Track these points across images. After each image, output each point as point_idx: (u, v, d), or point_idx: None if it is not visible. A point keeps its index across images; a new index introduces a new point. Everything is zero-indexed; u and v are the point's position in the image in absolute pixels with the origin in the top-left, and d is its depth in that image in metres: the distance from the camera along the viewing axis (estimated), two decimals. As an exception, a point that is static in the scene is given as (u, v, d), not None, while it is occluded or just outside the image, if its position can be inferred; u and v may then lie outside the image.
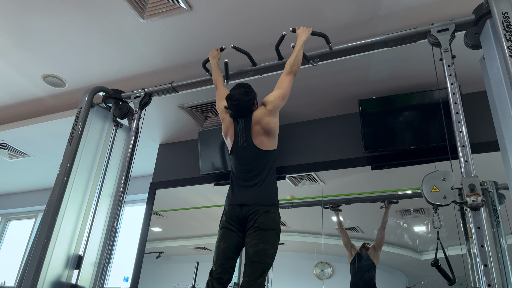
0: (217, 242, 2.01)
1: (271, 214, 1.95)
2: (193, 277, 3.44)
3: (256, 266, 1.84)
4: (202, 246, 3.66)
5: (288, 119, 3.65)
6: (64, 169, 2.54)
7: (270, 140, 2.11)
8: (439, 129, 2.92)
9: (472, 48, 2.13)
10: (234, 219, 1.98)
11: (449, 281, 1.95)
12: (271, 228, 1.92)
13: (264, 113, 2.13)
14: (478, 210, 1.68)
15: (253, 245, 1.87)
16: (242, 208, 1.97)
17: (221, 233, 2.01)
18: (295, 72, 2.24)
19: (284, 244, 3.28)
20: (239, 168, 2.10)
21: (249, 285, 1.81)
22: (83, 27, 2.83)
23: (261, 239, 1.87)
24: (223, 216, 2.05)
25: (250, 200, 1.97)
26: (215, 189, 3.79)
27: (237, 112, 2.17)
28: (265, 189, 2.02)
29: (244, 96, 2.16)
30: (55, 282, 2.43)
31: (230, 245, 1.96)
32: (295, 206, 3.40)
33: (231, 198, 2.05)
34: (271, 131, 2.11)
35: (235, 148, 2.15)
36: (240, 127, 2.14)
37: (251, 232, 1.91)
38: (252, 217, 1.93)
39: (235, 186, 2.08)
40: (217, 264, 1.94)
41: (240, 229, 1.97)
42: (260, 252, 1.85)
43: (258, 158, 2.07)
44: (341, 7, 2.51)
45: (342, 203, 3.19)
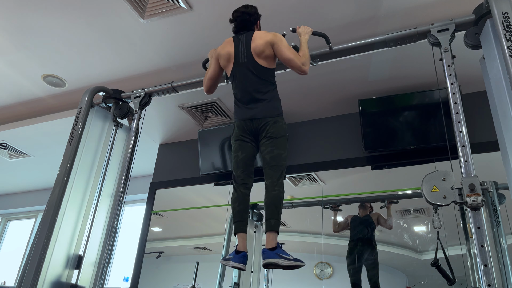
0: (234, 152, 2.22)
1: (279, 123, 2.16)
2: (193, 277, 3.44)
3: (276, 169, 2.09)
4: (202, 246, 3.66)
5: (288, 119, 3.64)
6: (64, 169, 2.54)
7: (268, 59, 2.23)
8: (439, 129, 2.92)
9: (472, 48, 2.13)
10: (247, 132, 2.19)
11: (449, 281, 1.95)
12: (281, 135, 2.15)
13: (263, 36, 2.21)
14: (478, 210, 1.68)
15: (269, 152, 2.11)
16: (253, 122, 2.17)
17: (237, 144, 2.22)
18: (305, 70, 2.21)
19: (284, 244, 3.27)
20: (243, 85, 2.22)
21: (273, 185, 2.06)
22: (83, 27, 2.83)
23: (275, 146, 2.11)
24: (235, 129, 2.24)
25: (260, 114, 2.16)
26: (215, 189, 3.79)
27: (241, 23, 2.30)
28: (271, 102, 2.19)
29: (249, 9, 2.32)
30: (55, 282, 2.43)
31: (248, 154, 2.19)
32: (295, 206, 3.40)
33: (241, 113, 2.22)
34: (261, 55, 2.20)
35: (237, 65, 2.24)
36: (241, 42, 2.26)
37: (265, 141, 2.14)
38: (263, 128, 2.15)
39: (240, 102, 2.24)
40: (239, 171, 2.18)
41: (253, 140, 2.20)
42: (276, 157, 2.10)
43: (260, 73, 2.20)
44: (341, 7, 2.51)
45: (342, 203, 3.19)
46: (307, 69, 2.20)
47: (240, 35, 2.29)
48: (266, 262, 1.93)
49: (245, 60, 2.22)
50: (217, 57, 2.35)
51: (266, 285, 3.10)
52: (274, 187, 2.06)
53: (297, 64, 2.16)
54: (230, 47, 2.28)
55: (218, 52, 2.34)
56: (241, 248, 2.02)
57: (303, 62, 2.18)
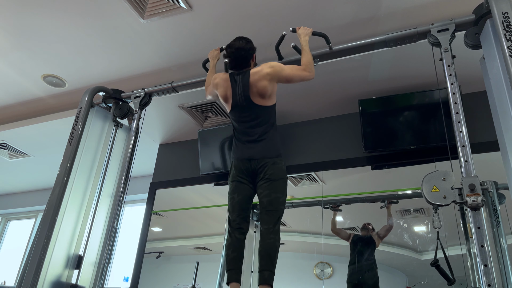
0: (230, 194, 2.14)
1: (278, 165, 2.08)
2: (193, 277, 3.44)
3: (272, 214, 2.00)
4: (202, 246, 3.66)
5: (288, 119, 3.65)
6: (64, 169, 2.54)
7: (267, 99, 2.17)
8: (439, 129, 2.92)
9: (472, 48, 2.13)
10: (244, 172, 2.11)
11: (449, 281, 1.96)
12: (280, 177, 2.07)
13: (261, 75, 2.14)
14: (478, 210, 1.68)
15: (266, 195, 2.03)
16: (251, 162, 2.09)
17: (233, 185, 2.14)
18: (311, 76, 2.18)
19: (284, 244, 3.27)
20: (242, 125, 2.17)
21: (269, 232, 1.97)
22: (83, 27, 2.83)
23: (273, 189, 2.03)
24: (232, 169, 2.16)
25: (258, 154, 2.09)
26: (215, 189, 3.79)
27: (236, 60, 2.21)
28: (270, 142, 2.13)
29: (244, 45, 2.22)
30: (55, 282, 2.43)
31: (245, 197, 2.10)
32: (295, 206, 3.40)
33: (239, 153, 2.15)
34: (267, 94, 2.15)
35: (235, 106, 2.19)
36: (238, 85, 2.17)
37: (262, 183, 2.06)
38: (261, 169, 2.06)
39: (239, 142, 2.17)
40: (235, 214, 2.09)
41: (250, 181, 2.12)
42: (273, 201, 2.02)
43: (259, 114, 2.15)
44: (341, 7, 2.51)
45: (342, 203, 3.19)
46: (312, 75, 2.18)
47: (236, 76, 2.21)
48: None
49: (244, 103, 2.15)
50: (215, 87, 2.29)
51: (266, 285, 3.09)
52: (269, 235, 1.97)
53: (300, 77, 2.15)
54: (228, 89, 2.20)
55: (216, 83, 2.28)
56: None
57: (306, 70, 2.16)
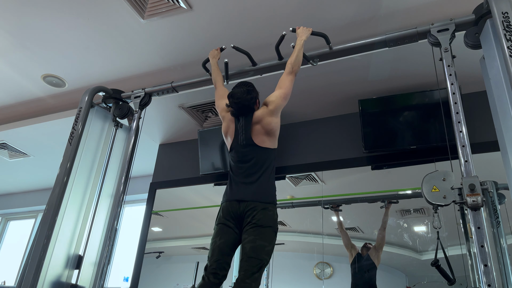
0: (213, 238, 1.99)
1: (269, 212, 1.94)
2: (193, 277, 3.44)
3: (252, 262, 1.83)
4: (202, 246, 3.65)
5: (288, 119, 3.65)
6: (64, 169, 2.54)
7: (270, 139, 2.12)
8: (439, 129, 2.92)
9: (472, 48, 2.13)
10: (232, 215, 1.96)
11: (449, 281, 1.95)
12: (268, 225, 1.91)
13: (265, 113, 2.13)
14: (478, 210, 1.68)
15: (250, 241, 1.86)
16: (240, 204, 1.95)
17: (217, 229, 1.99)
18: (296, 72, 2.25)
19: (284, 244, 3.28)
20: (239, 166, 2.10)
21: (245, 277, 1.79)
22: (83, 27, 2.83)
23: (259, 235, 1.86)
24: (220, 212, 2.04)
25: (249, 197, 1.95)
26: (215, 189, 3.79)
27: (239, 110, 2.16)
28: (263, 186, 2.01)
29: (246, 94, 2.15)
30: (55, 282, 2.43)
31: (227, 241, 1.94)
32: (295, 206, 3.40)
33: (229, 194, 2.04)
34: (271, 131, 2.12)
35: (235, 146, 2.14)
36: (240, 124, 2.14)
37: (249, 228, 1.90)
38: (250, 213, 1.91)
39: (233, 182, 2.07)
40: (212, 260, 1.93)
41: (237, 226, 1.96)
42: (257, 248, 1.84)
43: (258, 156, 2.07)
44: (341, 7, 2.51)
45: (342, 203, 3.19)
46: (296, 71, 2.22)
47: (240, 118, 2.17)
48: None
49: (244, 142, 2.10)
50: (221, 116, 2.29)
51: (266, 285, 3.10)
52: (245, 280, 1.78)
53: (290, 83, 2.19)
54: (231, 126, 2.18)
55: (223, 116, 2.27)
56: None
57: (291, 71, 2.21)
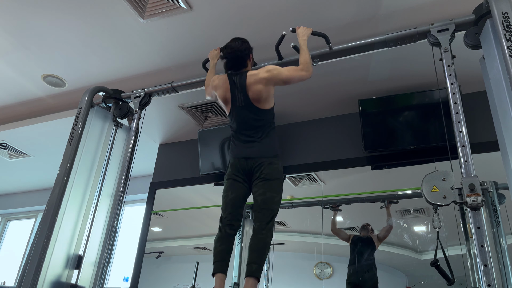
0: (224, 192, 2.16)
1: (275, 165, 2.11)
2: (193, 277, 3.44)
3: (265, 213, 2.02)
4: (202, 246, 3.66)
5: (288, 119, 3.65)
6: (64, 169, 2.54)
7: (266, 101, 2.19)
8: (439, 129, 2.92)
9: (472, 48, 2.13)
10: (240, 171, 2.13)
11: (449, 281, 1.95)
12: (276, 178, 2.09)
13: (258, 79, 2.16)
14: (478, 210, 1.68)
15: (261, 193, 2.05)
16: (248, 161, 2.11)
17: (228, 183, 2.16)
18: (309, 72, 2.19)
19: (284, 244, 3.28)
20: (240, 126, 2.20)
21: (261, 228, 1.99)
22: (83, 27, 2.83)
23: (268, 188, 2.05)
24: (228, 167, 2.19)
25: (255, 154, 2.11)
26: (215, 189, 3.79)
27: (232, 61, 2.23)
28: (267, 142, 2.15)
29: (240, 46, 2.25)
30: (55, 282, 2.43)
31: (238, 195, 2.12)
32: (295, 206, 3.40)
33: (236, 152, 2.18)
34: (262, 98, 2.17)
35: (234, 108, 2.21)
36: (236, 86, 2.20)
37: (258, 182, 2.07)
38: (258, 168, 2.08)
39: (237, 141, 2.20)
40: (227, 212, 2.10)
41: (246, 180, 2.13)
42: (268, 200, 2.03)
43: (258, 116, 2.17)
44: (341, 7, 2.51)
45: (342, 203, 3.19)
46: (309, 74, 2.19)
47: (234, 76, 2.23)
48: None
49: (243, 104, 2.18)
50: (214, 88, 2.31)
51: (266, 285, 3.10)
52: (261, 231, 1.99)
53: (299, 78, 2.16)
54: (227, 91, 2.23)
55: (215, 85, 2.30)
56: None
57: (303, 69, 2.17)
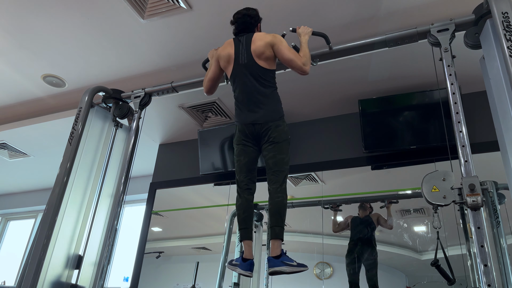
0: (236, 156, 2.22)
1: (281, 127, 2.16)
2: (193, 277, 3.44)
3: (278, 174, 2.09)
4: (202, 246, 3.66)
5: (288, 119, 3.61)
6: (64, 169, 2.54)
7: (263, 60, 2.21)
8: (439, 129, 2.92)
9: (472, 48, 2.13)
10: (249, 136, 2.18)
11: (449, 281, 1.95)
12: (283, 139, 2.14)
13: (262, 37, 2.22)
14: (478, 210, 1.68)
15: (271, 157, 2.11)
16: (255, 126, 2.15)
17: (239, 148, 2.21)
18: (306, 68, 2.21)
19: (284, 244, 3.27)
20: (243, 88, 2.21)
21: (276, 191, 2.05)
22: (83, 27, 2.83)
23: (277, 150, 2.11)
24: (236, 132, 2.24)
25: (262, 118, 2.15)
26: (215, 189, 3.78)
27: (241, 25, 2.30)
28: (272, 105, 2.18)
29: (250, 12, 2.32)
30: (55, 282, 2.43)
31: (250, 159, 2.19)
32: (295, 206, 3.40)
33: (243, 117, 2.20)
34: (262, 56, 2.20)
35: (237, 66, 2.23)
36: (242, 44, 2.25)
37: (267, 145, 2.13)
38: (265, 132, 2.14)
39: (242, 107, 2.22)
40: (242, 176, 2.18)
41: (255, 144, 2.19)
42: (279, 161, 2.10)
43: (260, 74, 2.19)
44: (341, 7, 2.51)
45: (342, 203, 3.19)
46: (308, 69, 2.20)
47: (240, 37, 2.29)
48: (272, 270, 1.97)
49: (245, 61, 2.21)
50: (217, 58, 2.35)
51: (266, 284, 3.10)
52: (277, 194, 2.06)
53: (298, 65, 2.17)
54: (231, 49, 2.28)
55: (219, 53, 2.34)
56: (248, 255, 2.05)
57: (304, 62, 2.18)
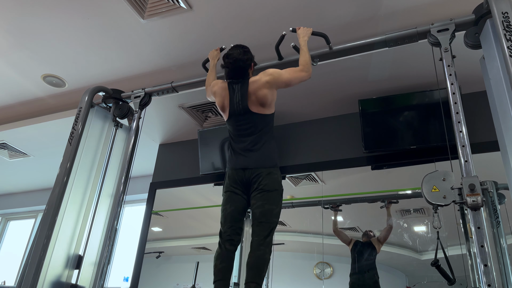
0: (223, 205, 2.08)
1: (274, 175, 2.03)
2: (193, 277, 3.44)
3: (264, 226, 1.93)
4: (202, 246, 3.66)
5: (288, 119, 3.65)
6: (64, 169, 2.54)
7: (267, 107, 2.13)
8: (439, 129, 2.92)
9: (472, 48, 2.13)
10: (238, 182, 2.05)
11: (449, 281, 1.95)
12: (274, 189, 2.01)
13: (261, 84, 2.11)
14: (478, 210, 1.68)
15: (259, 206, 1.96)
16: (245, 172, 2.03)
17: (226, 196, 2.08)
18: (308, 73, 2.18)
19: (284, 244, 3.28)
20: (238, 134, 2.13)
21: (259, 244, 1.90)
22: (83, 27, 2.83)
23: (266, 200, 1.97)
24: (226, 179, 2.11)
25: (253, 164, 2.03)
26: (215, 189, 3.79)
27: (233, 70, 2.16)
28: (266, 152, 2.07)
29: (242, 55, 2.16)
30: (55, 282, 2.43)
31: (237, 208, 2.03)
32: (295, 206, 3.40)
33: (233, 162, 2.10)
34: (267, 103, 2.11)
35: (232, 115, 2.15)
36: (236, 94, 2.14)
37: (256, 194, 1.99)
38: (256, 179, 2.00)
39: (235, 151, 2.13)
40: (226, 226, 2.02)
41: (244, 192, 2.05)
42: (267, 212, 1.95)
43: (256, 123, 2.10)
44: (341, 7, 2.51)
45: (342, 203, 3.19)
46: (309, 74, 2.17)
47: (235, 85, 2.17)
48: None
49: (241, 110, 2.11)
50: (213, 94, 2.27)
51: (266, 285, 3.10)
52: (259, 246, 1.90)
53: (299, 79, 2.14)
54: (226, 98, 2.17)
55: (214, 91, 2.26)
56: None
57: (303, 70, 2.15)
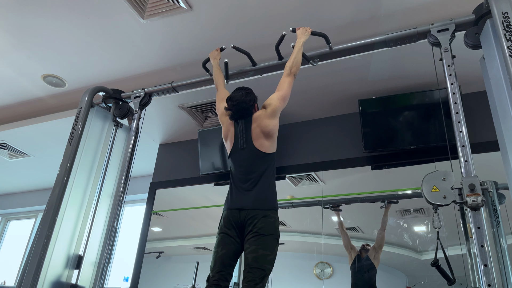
0: (215, 248, 1.96)
1: (270, 219, 1.91)
2: (193, 277, 3.44)
3: (255, 272, 1.81)
4: (202, 246, 3.66)
5: (288, 119, 3.65)
6: (64, 169, 2.54)
7: (270, 142, 2.09)
8: (439, 129, 2.92)
9: (472, 48, 2.13)
10: (233, 224, 1.94)
11: (449, 281, 1.95)
12: (270, 233, 1.88)
13: (263, 115, 2.12)
14: (478, 210, 1.68)
15: (252, 251, 1.84)
16: (241, 213, 1.93)
17: (219, 238, 1.97)
18: (295, 74, 2.24)
19: (284, 244, 3.27)
20: (238, 170, 2.08)
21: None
22: (83, 27, 2.83)
23: (260, 244, 1.84)
24: (221, 220, 2.01)
25: (249, 204, 1.93)
26: (215, 189, 3.79)
27: (237, 113, 2.16)
28: (264, 193, 1.98)
29: (244, 97, 2.16)
30: (55, 282, 2.43)
31: (229, 252, 1.92)
32: (295, 206, 3.40)
33: (230, 202, 2.02)
34: (270, 133, 2.09)
35: (235, 150, 2.13)
36: (240, 128, 2.14)
37: (250, 237, 1.87)
38: (250, 221, 1.89)
39: (234, 189, 2.05)
40: (215, 271, 1.91)
41: (238, 235, 1.94)
42: (260, 258, 1.82)
43: (258, 160, 2.05)
44: (341, 7, 2.51)
45: (342, 203, 3.19)
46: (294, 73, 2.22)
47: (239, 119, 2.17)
48: None
49: (244, 145, 2.08)
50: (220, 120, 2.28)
51: (266, 285, 3.09)
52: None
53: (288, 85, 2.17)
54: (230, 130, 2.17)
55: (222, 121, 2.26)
56: None
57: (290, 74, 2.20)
